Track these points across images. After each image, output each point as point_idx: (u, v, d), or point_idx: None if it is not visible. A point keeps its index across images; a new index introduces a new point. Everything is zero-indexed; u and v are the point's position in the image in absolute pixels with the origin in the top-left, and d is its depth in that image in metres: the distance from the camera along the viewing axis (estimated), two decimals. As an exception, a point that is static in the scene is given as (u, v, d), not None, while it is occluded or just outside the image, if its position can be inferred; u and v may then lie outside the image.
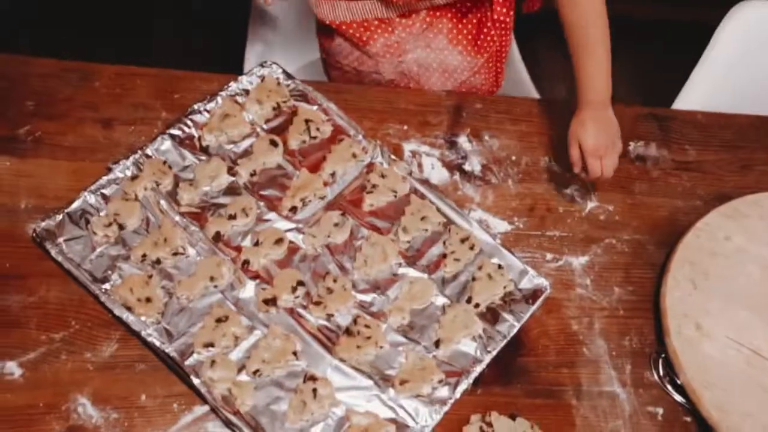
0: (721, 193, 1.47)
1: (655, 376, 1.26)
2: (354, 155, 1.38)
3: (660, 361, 1.26)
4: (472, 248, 1.31)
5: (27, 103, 1.37)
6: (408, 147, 1.44)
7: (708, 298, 1.30)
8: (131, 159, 1.32)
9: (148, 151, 1.34)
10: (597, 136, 1.23)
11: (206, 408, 1.15)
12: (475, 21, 1.47)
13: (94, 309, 1.20)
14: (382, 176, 1.37)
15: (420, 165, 1.42)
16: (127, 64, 1.46)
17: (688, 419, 1.23)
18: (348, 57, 1.55)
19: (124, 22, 2.20)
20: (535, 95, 1.84)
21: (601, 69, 1.23)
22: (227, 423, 1.13)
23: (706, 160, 1.53)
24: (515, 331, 1.25)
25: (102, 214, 1.27)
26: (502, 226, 1.38)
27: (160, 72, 1.45)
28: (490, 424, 1.16)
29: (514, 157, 1.45)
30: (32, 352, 1.16)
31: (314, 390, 1.15)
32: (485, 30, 1.49)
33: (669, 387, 1.24)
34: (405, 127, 1.46)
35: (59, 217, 1.25)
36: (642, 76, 2.29)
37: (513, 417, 1.18)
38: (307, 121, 1.40)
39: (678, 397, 1.24)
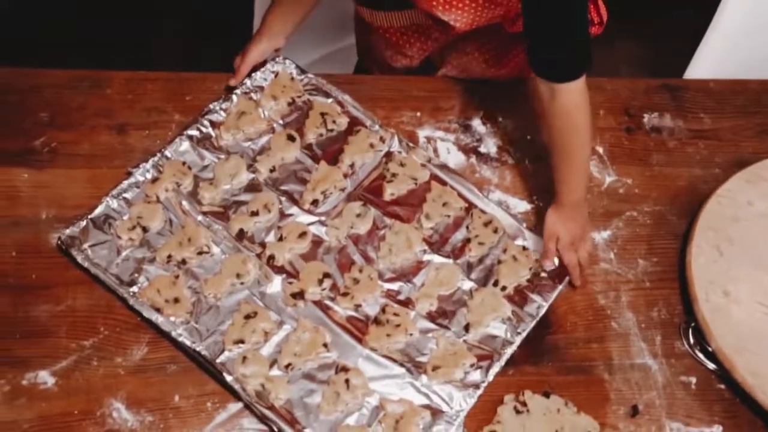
0: (739, 159, 1.46)
1: (686, 346, 1.25)
2: (371, 145, 1.38)
3: (690, 330, 1.26)
4: (495, 231, 1.31)
5: (41, 115, 1.38)
6: (422, 133, 1.44)
7: (734, 263, 1.29)
8: (150, 162, 1.33)
9: (167, 153, 1.34)
10: (573, 232, 1.27)
11: (240, 405, 1.15)
12: (502, 41, 1.47)
13: (121, 314, 1.21)
14: (401, 165, 1.37)
15: (436, 150, 1.42)
16: (130, 69, 1.46)
17: (722, 386, 1.22)
18: (382, 53, 1.55)
19: (124, 26, 2.19)
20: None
21: (579, 173, 1.27)
22: (262, 418, 1.13)
23: (722, 127, 1.52)
24: (544, 311, 1.25)
25: (125, 217, 1.27)
26: (521, 205, 1.38)
27: (170, 75, 1.45)
28: (524, 403, 1.16)
29: (528, 137, 1.45)
30: (64, 361, 1.16)
31: (347, 380, 1.15)
32: (514, 51, 1.48)
33: (701, 355, 1.24)
34: (418, 114, 1.46)
35: (83, 223, 1.26)
36: (651, 48, 2.27)
37: (546, 395, 1.18)
38: (323, 114, 1.40)
39: (710, 365, 1.23)
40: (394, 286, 1.27)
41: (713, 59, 1.71)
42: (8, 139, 1.35)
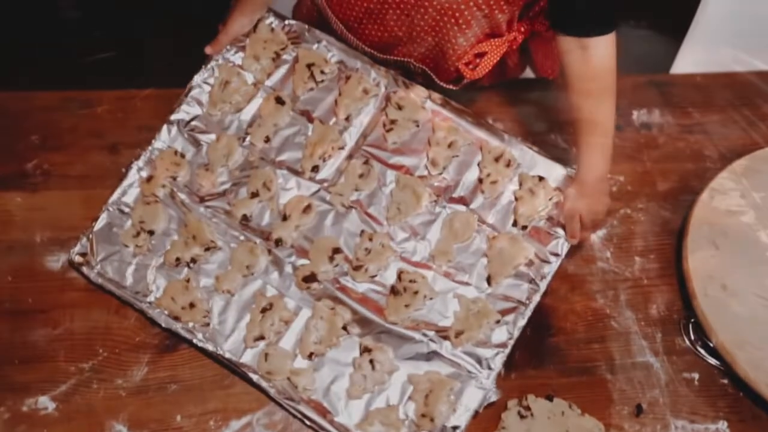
0: (730, 152, 1.47)
1: (687, 342, 1.25)
2: (365, 91, 1.32)
3: (690, 326, 1.26)
4: (508, 165, 1.27)
5: (32, 137, 1.38)
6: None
7: (730, 257, 1.29)
8: (142, 159, 1.30)
9: (158, 144, 1.31)
10: (595, 211, 1.25)
11: (243, 422, 1.15)
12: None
13: (120, 335, 1.21)
14: (399, 108, 1.30)
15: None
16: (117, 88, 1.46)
17: (725, 381, 1.22)
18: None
19: (108, 46, 2.18)
20: (531, 75, 1.83)
21: (604, 144, 1.23)
22: (294, 414, 1.13)
23: (711, 120, 1.53)
24: (567, 248, 1.24)
25: (128, 225, 1.26)
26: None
27: (158, 92, 1.44)
28: (528, 408, 1.16)
29: (519, 138, 1.44)
30: (63, 385, 1.16)
31: (371, 361, 1.15)
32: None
33: (702, 351, 1.24)
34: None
35: (89, 239, 1.25)
36: (636, 46, 2.27)
37: (550, 398, 1.17)
38: (309, 66, 1.33)
39: (712, 360, 1.23)
40: (409, 246, 1.24)
41: (698, 54, 1.71)
42: (6, 164, 1.35)
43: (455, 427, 1.13)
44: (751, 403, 1.20)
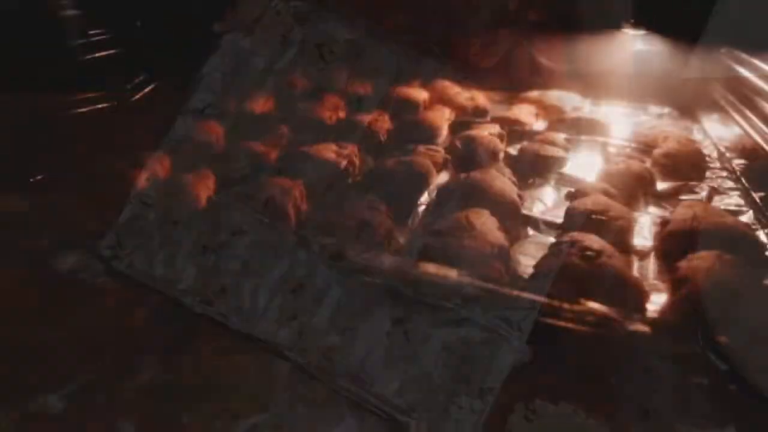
0: (729, 152, 1.47)
1: (695, 346, 1.25)
2: (376, 68, 1.34)
3: (698, 329, 1.25)
4: (519, 132, 1.33)
5: (39, 139, 1.38)
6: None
7: (733, 259, 1.29)
8: (161, 149, 1.30)
9: (174, 134, 1.31)
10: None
11: (250, 422, 1.14)
12: None
13: (128, 335, 1.21)
14: (410, 83, 1.33)
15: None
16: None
17: (734, 387, 1.21)
18: None
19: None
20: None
21: (607, 148, 1.32)
22: (333, 387, 1.14)
23: (712, 121, 1.54)
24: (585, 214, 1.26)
25: (152, 216, 1.26)
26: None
27: (161, 92, 1.45)
28: (534, 411, 1.16)
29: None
30: (72, 384, 1.16)
31: (404, 332, 1.15)
32: None
33: (711, 355, 1.23)
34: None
35: (115, 232, 1.25)
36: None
37: (556, 402, 1.17)
38: (318, 45, 1.35)
39: (721, 365, 1.22)
40: (432, 216, 1.26)
41: (708, 59, 1.71)
42: (9, 165, 1.35)
43: (491, 388, 1.14)
44: (760, 410, 1.20)
